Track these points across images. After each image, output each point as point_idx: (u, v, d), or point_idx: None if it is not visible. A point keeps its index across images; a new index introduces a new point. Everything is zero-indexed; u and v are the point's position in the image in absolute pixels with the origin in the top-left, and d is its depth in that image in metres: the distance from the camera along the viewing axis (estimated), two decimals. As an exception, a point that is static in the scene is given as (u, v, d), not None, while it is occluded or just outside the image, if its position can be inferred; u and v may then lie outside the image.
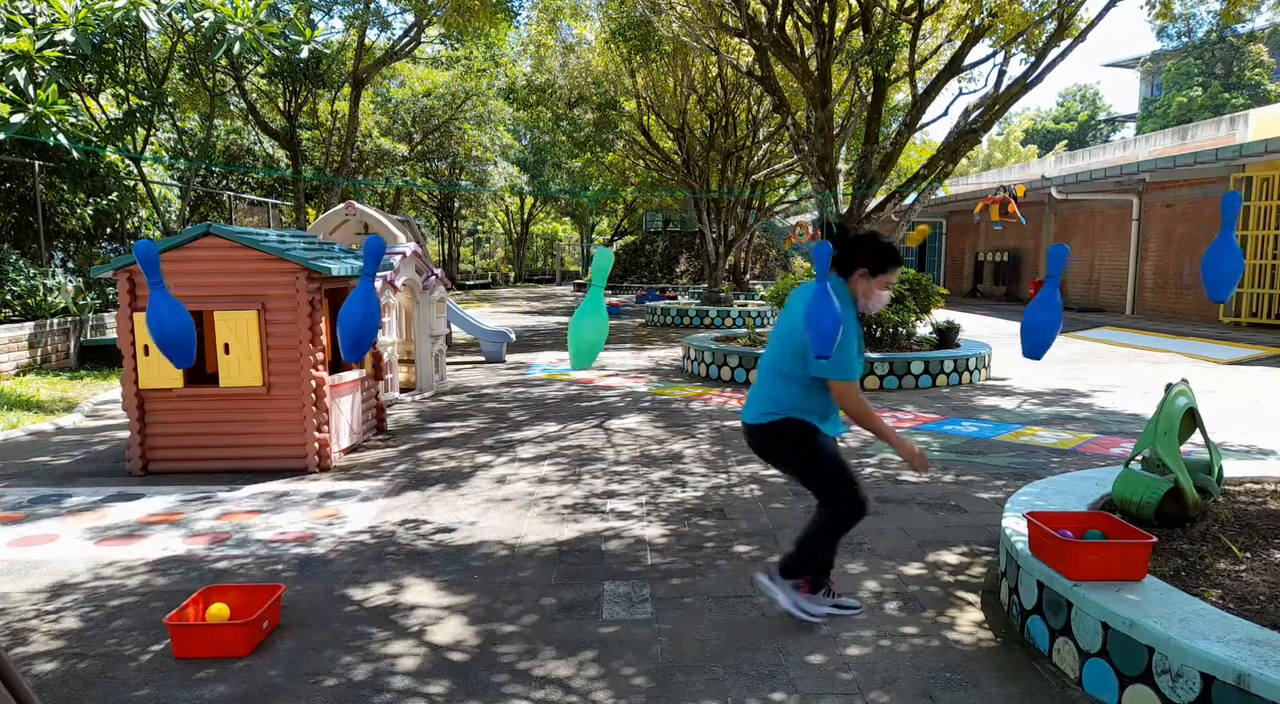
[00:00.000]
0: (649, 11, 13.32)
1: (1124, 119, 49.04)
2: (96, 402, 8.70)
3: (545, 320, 19.94)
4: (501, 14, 15.66)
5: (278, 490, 5.46)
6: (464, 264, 43.21)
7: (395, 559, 4.22)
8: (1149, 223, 18.17)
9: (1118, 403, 8.45)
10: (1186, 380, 3.75)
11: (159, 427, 5.87)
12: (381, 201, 29.62)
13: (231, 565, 4.15)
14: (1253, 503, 3.86)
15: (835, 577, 3.63)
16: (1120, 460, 5.76)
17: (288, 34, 11.69)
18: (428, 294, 9.20)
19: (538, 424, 7.56)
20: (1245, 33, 35.04)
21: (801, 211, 28.59)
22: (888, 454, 6.30)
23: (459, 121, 25.93)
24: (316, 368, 5.83)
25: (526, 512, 4.98)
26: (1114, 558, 2.96)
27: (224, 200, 18.49)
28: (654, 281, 28.08)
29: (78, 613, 3.60)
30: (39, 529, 4.70)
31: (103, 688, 2.98)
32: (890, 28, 11.00)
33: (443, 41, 19.97)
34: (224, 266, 5.71)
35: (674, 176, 20.66)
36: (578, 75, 19.50)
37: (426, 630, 3.41)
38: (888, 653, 3.18)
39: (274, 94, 18.19)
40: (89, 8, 8.07)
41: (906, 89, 12.60)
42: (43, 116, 7.93)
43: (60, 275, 11.41)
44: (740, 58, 14.65)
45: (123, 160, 13.42)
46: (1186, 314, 16.91)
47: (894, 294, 10.07)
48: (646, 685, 2.97)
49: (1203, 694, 2.43)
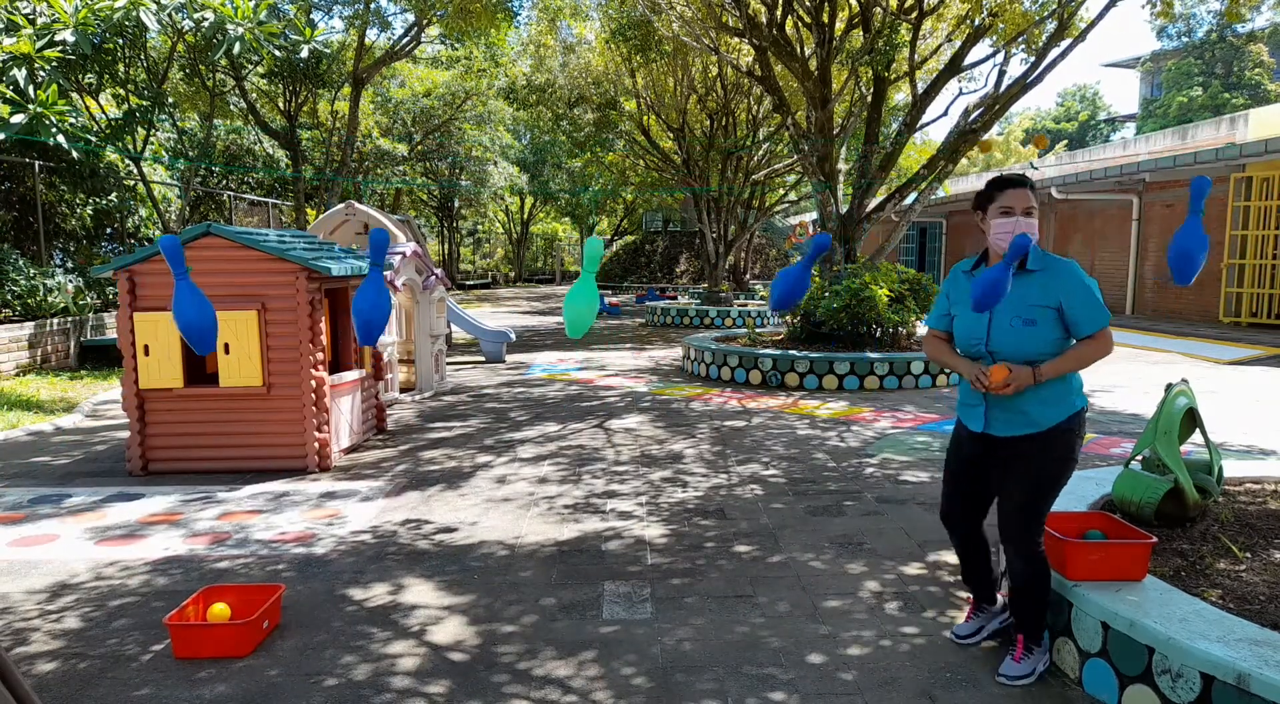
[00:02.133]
0: (649, 11, 13.32)
1: (1124, 119, 49.04)
2: (96, 402, 8.70)
3: (545, 320, 19.94)
4: (502, 14, 15.67)
5: (278, 490, 5.46)
6: (464, 264, 43.20)
7: (395, 559, 4.22)
8: (1149, 223, 18.16)
9: (1118, 403, 8.45)
10: (1186, 380, 3.75)
11: (159, 427, 5.87)
12: (381, 202, 29.62)
13: (232, 565, 4.15)
14: (1253, 503, 3.85)
15: (836, 576, 3.63)
16: (1120, 460, 5.76)
17: (288, 34, 11.70)
18: (428, 294, 9.20)
19: (538, 424, 7.56)
20: (1245, 33, 35.04)
21: (801, 211, 28.59)
22: (888, 454, 6.31)
23: (459, 121, 25.93)
24: (316, 368, 5.83)
25: (527, 512, 4.98)
26: (1114, 558, 2.96)
27: (224, 200, 18.49)
28: (654, 281, 28.08)
29: (78, 613, 3.60)
30: (39, 529, 4.70)
31: (103, 688, 2.98)
32: (890, 28, 11.01)
33: (443, 41, 19.97)
34: (224, 266, 5.71)
35: (674, 176, 20.66)
36: (578, 75, 19.51)
37: (427, 630, 3.41)
38: (888, 653, 3.18)
39: (274, 94, 18.19)
40: (89, 8, 8.07)
41: (906, 89, 12.60)
42: (43, 117, 7.93)
43: (60, 275, 11.41)
44: (740, 58, 14.66)
45: (123, 160, 13.42)
46: (1186, 314, 16.90)
47: (894, 294, 10.07)
48: (646, 686, 2.97)
49: (1203, 694, 2.43)
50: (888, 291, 9.88)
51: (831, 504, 5.07)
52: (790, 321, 10.94)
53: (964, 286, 3.06)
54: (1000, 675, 2.95)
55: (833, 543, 4.39)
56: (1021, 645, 2.98)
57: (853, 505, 5.05)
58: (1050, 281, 2.88)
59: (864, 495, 5.25)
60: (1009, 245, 2.73)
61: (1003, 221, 2.93)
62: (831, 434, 7.04)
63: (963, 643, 3.22)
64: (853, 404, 8.42)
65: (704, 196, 19.44)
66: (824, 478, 5.66)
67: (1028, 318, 2.88)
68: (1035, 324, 2.87)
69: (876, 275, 10.07)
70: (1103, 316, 2.88)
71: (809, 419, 7.71)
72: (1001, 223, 2.93)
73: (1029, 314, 2.88)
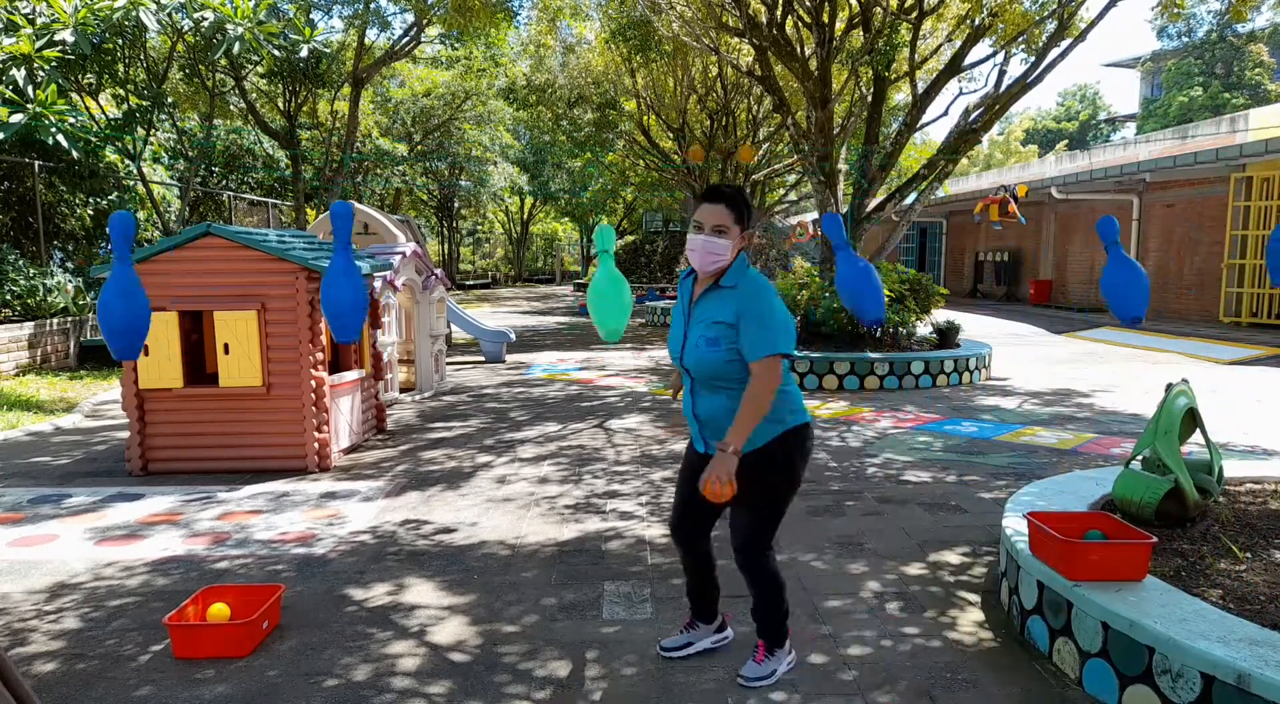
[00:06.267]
0: (649, 11, 13.33)
1: (1124, 119, 49.04)
2: (96, 402, 8.70)
3: (545, 320, 19.93)
4: (501, 14, 15.66)
5: (278, 490, 5.46)
6: (464, 264, 43.22)
7: (396, 559, 4.22)
8: (1149, 223, 18.17)
9: (1118, 403, 8.45)
10: (1187, 380, 3.75)
11: (159, 427, 5.87)
12: (381, 202, 29.61)
13: (232, 565, 4.14)
14: (1253, 503, 3.85)
15: (836, 576, 3.63)
16: (1120, 460, 5.76)
17: (287, 34, 11.69)
18: (428, 294, 9.19)
19: (538, 424, 7.56)
20: (1245, 33, 35.04)
21: (802, 211, 28.59)
22: (891, 453, 6.30)
23: (459, 121, 25.93)
24: (316, 368, 5.83)
25: (527, 512, 4.98)
26: (1114, 558, 2.96)
27: (224, 200, 18.48)
28: (654, 282, 28.03)
29: (78, 613, 3.60)
30: (39, 529, 4.70)
31: (103, 688, 2.97)
32: (890, 28, 11.01)
33: (442, 41, 19.97)
34: (224, 266, 5.71)
35: (674, 176, 20.67)
36: (578, 75, 19.52)
37: (427, 631, 3.41)
38: (889, 653, 3.18)
39: (274, 94, 18.19)
40: (89, 8, 8.06)
41: (906, 89, 12.60)
42: (42, 116, 7.93)
43: (60, 275, 11.41)
44: (740, 58, 14.66)
45: (122, 160, 13.42)
46: (1187, 314, 16.90)
47: (894, 294, 10.07)
48: (647, 686, 2.96)
49: (1203, 694, 2.43)
50: (888, 292, 9.88)
51: (832, 504, 5.07)
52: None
53: (684, 292, 2.92)
54: (740, 677, 2.95)
55: (833, 543, 4.38)
56: (763, 649, 2.97)
57: (853, 505, 5.04)
58: (734, 299, 2.72)
59: (864, 495, 5.25)
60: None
61: (691, 238, 2.74)
62: (832, 434, 7.04)
63: (669, 655, 3.12)
64: (853, 404, 8.42)
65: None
66: (824, 478, 5.66)
67: (711, 337, 2.72)
68: (718, 344, 2.71)
69: (876, 275, 10.05)
70: (768, 342, 2.64)
71: (809, 419, 7.70)
72: (690, 239, 2.75)
73: (712, 333, 2.72)
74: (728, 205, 2.73)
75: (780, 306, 2.71)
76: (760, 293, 2.70)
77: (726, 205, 2.72)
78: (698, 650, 3.16)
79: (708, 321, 2.74)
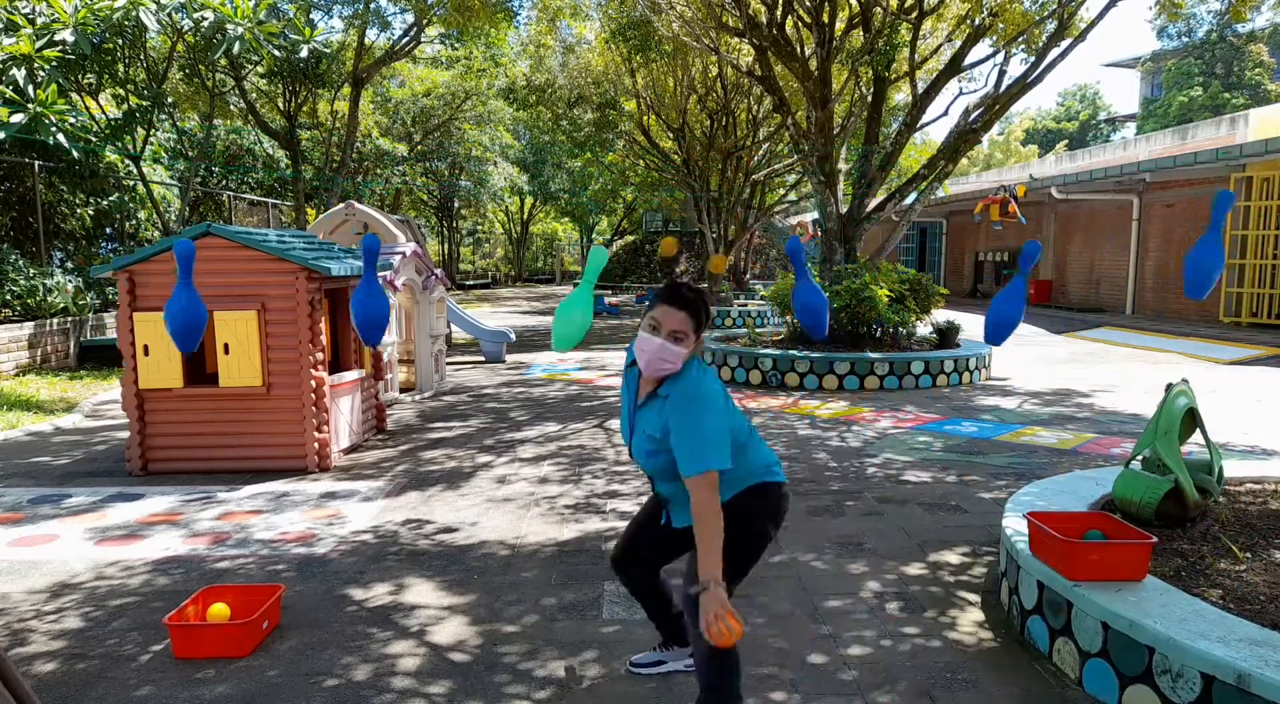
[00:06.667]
0: (649, 11, 13.33)
1: (1124, 119, 49.04)
2: (96, 402, 8.70)
3: (545, 320, 19.93)
4: (501, 14, 15.66)
5: (278, 490, 5.46)
6: (464, 264, 43.19)
7: (396, 559, 4.22)
8: (1149, 223, 18.16)
9: (1118, 403, 8.45)
10: (1187, 380, 3.75)
11: (159, 427, 5.87)
12: (381, 202, 29.60)
13: (232, 565, 4.15)
14: (1253, 503, 3.85)
15: (836, 577, 3.62)
16: (1120, 460, 5.76)
17: (287, 34, 11.68)
18: (428, 294, 9.19)
19: (538, 424, 7.56)
20: (1245, 33, 35.04)
21: (802, 211, 28.59)
22: (891, 453, 6.30)
23: (459, 121, 25.92)
24: (316, 368, 5.83)
25: (527, 512, 4.98)
26: (1114, 558, 2.96)
27: (224, 200, 18.48)
28: (654, 282, 28.07)
29: (78, 613, 3.60)
30: (39, 529, 4.70)
31: (103, 688, 2.97)
32: (890, 28, 11.02)
33: (442, 41, 19.97)
34: (224, 266, 5.71)
35: (674, 176, 20.67)
36: (578, 75, 19.52)
37: (427, 630, 3.41)
38: (889, 653, 3.18)
39: (274, 94, 18.18)
40: (89, 8, 8.06)
41: (906, 89, 12.60)
42: (42, 116, 7.93)
43: (60, 275, 11.41)
44: (740, 58, 14.66)
45: (122, 160, 13.42)
46: (1187, 314, 16.90)
47: (894, 294, 10.07)
48: (647, 686, 2.96)
49: (1203, 694, 2.43)
50: (888, 292, 9.88)
51: (832, 504, 5.07)
52: (790, 321, 10.93)
53: (630, 383, 2.71)
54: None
55: (833, 543, 4.38)
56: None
57: (853, 505, 5.04)
58: (665, 410, 2.48)
59: (864, 495, 5.25)
60: (1022, 257, 2.46)
61: (644, 339, 2.48)
62: (832, 434, 7.04)
63: (637, 672, 3.03)
64: (853, 404, 8.42)
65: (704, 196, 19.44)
66: (824, 478, 5.66)
67: (650, 450, 2.55)
68: (657, 456, 2.53)
69: (877, 275, 10.07)
70: (696, 459, 2.36)
71: (809, 419, 7.71)
72: (641, 340, 2.49)
73: (650, 446, 2.54)
74: (690, 313, 2.50)
75: (713, 414, 2.43)
76: (689, 404, 2.43)
77: (689, 313, 2.50)
78: (669, 671, 3.03)
79: (644, 434, 2.56)
